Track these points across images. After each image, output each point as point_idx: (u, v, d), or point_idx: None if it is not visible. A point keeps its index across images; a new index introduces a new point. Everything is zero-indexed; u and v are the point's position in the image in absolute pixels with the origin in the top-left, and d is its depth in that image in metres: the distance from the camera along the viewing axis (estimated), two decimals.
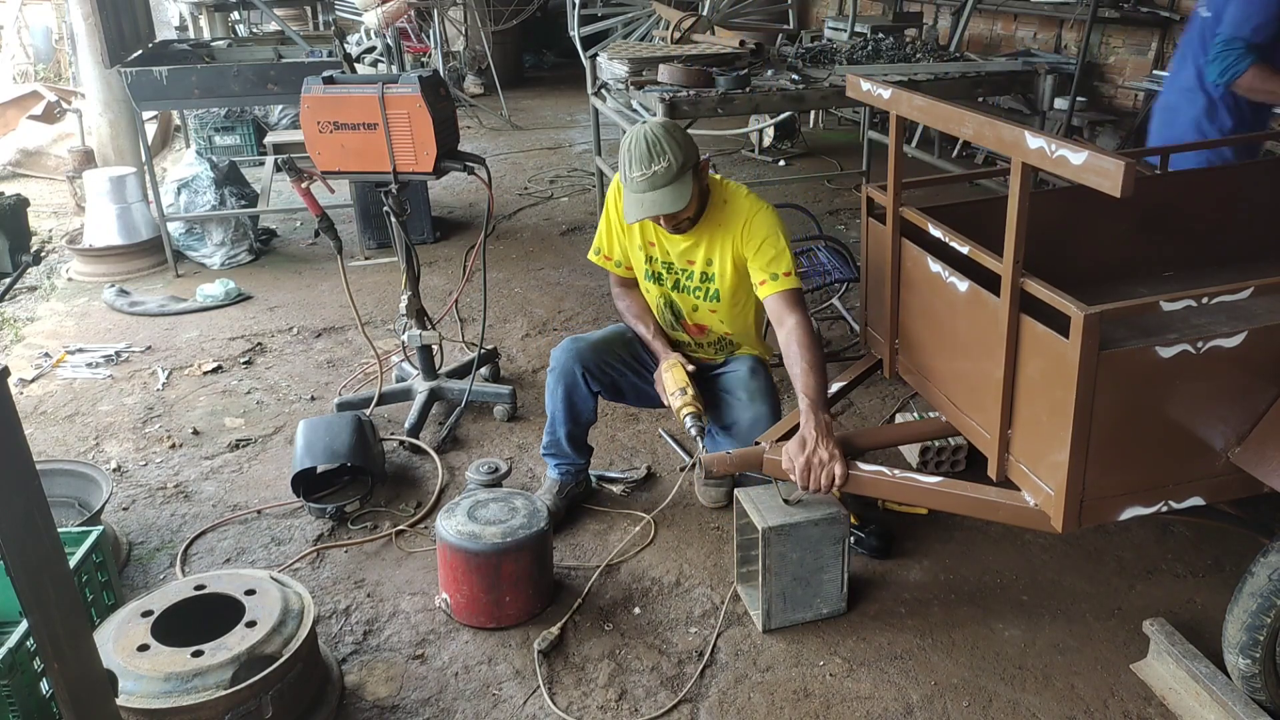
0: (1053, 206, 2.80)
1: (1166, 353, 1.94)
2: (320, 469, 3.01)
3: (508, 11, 9.80)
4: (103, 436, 3.48)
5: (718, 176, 2.72)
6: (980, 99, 4.72)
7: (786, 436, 2.42)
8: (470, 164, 3.17)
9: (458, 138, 3.29)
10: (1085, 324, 1.86)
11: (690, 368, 2.70)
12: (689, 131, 2.96)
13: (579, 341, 2.81)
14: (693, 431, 2.56)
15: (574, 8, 6.85)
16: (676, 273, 2.75)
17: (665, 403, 2.70)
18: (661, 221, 2.59)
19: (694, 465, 3.10)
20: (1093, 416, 1.96)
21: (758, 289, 2.60)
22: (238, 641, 2.02)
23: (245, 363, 4.06)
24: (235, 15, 8.37)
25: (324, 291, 4.80)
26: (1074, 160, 1.79)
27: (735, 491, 2.52)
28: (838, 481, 2.32)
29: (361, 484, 3.04)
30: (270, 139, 6.40)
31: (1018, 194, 1.98)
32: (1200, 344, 1.95)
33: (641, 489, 3.10)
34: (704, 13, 6.28)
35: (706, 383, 2.78)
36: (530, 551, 2.46)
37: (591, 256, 2.92)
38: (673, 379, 2.66)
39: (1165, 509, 2.12)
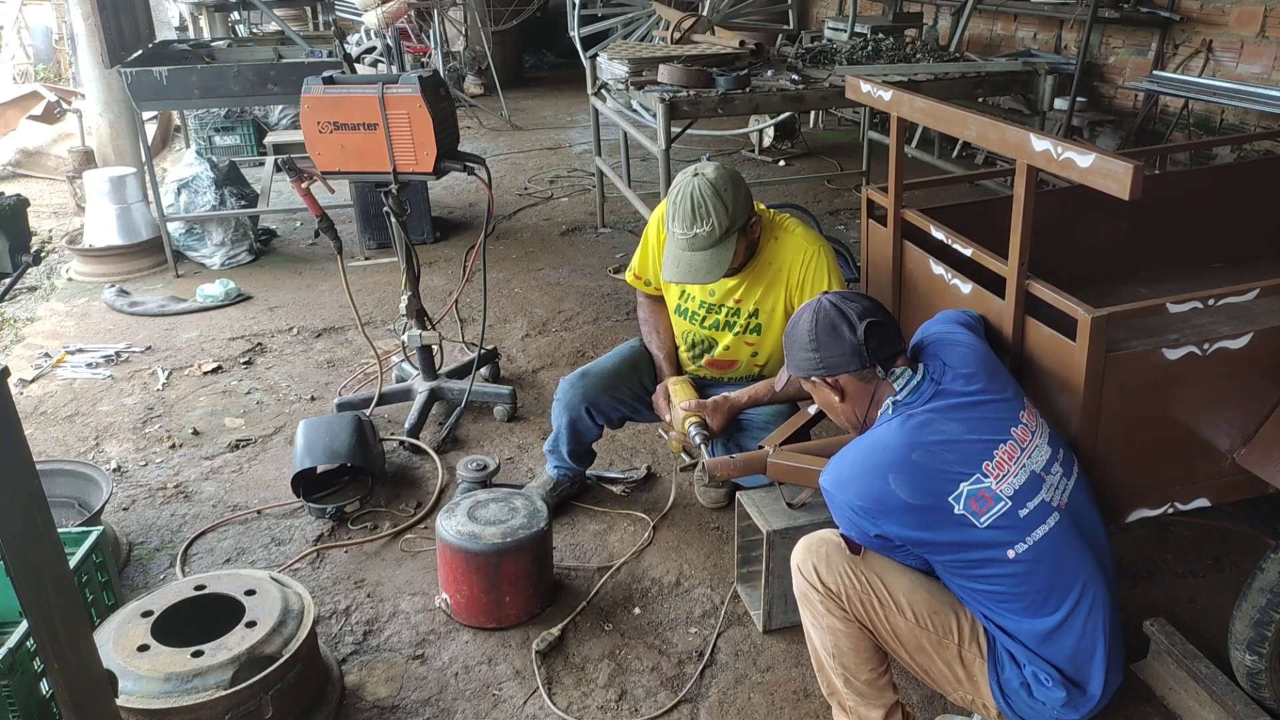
0: (1047, 207, 2.80)
1: (1173, 354, 1.93)
2: (320, 469, 3.00)
3: (508, 11, 9.80)
4: (103, 436, 3.47)
5: (770, 211, 2.62)
6: (980, 99, 4.71)
7: (790, 439, 2.41)
8: (470, 164, 3.16)
9: (458, 138, 3.28)
10: (1093, 327, 1.86)
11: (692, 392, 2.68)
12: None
13: (587, 379, 2.76)
14: (697, 440, 2.53)
15: (574, 8, 6.85)
16: (717, 312, 2.67)
17: (664, 418, 2.68)
18: None
19: (694, 466, 3.09)
20: (1099, 419, 1.95)
21: None
22: (238, 642, 2.02)
23: (245, 363, 4.05)
24: (235, 15, 8.36)
25: (324, 291, 4.79)
26: (1081, 163, 1.77)
27: (738, 494, 2.51)
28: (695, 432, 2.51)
29: (361, 484, 3.03)
30: (270, 139, 6.40)
31: (1023, 197, 1.97)
32: (1207, 345, 1.94)
33: (641, 489, 3.09)
34: (704, 13, 6.28)
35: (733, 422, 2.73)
36: (530, 551, 2.46)
37: (627, 278, 2.88)
38: (676, 393, 2.65)
39: (1171, 510, 2.11)
